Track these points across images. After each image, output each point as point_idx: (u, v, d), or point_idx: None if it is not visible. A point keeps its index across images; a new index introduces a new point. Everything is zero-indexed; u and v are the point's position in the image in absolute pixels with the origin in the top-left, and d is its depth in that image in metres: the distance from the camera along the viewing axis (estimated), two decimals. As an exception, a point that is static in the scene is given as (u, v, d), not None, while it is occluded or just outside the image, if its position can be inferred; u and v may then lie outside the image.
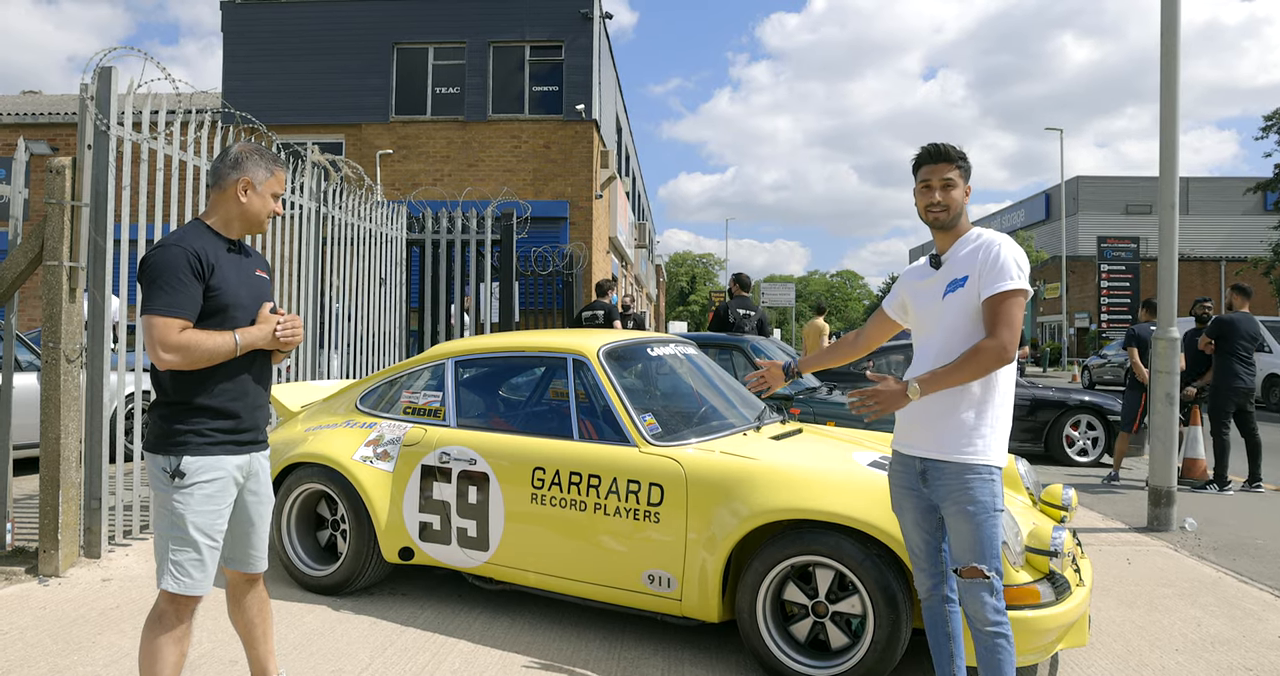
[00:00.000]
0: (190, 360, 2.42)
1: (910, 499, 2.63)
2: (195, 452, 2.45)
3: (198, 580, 2.44)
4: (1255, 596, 4.35)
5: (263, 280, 2.70)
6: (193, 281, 2.43)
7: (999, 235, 2.56)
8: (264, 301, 2.64)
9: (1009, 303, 2.44)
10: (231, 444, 2.53)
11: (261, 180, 2.61)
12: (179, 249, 2.44)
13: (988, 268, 2.47)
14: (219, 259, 2.52)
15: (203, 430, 2.47)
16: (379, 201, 8.40)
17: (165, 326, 2.38)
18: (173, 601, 2.45)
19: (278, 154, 2.73)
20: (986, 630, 2.44)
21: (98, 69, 4.50)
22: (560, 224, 17.70)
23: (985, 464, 2.45)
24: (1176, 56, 5.92)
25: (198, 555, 2.44)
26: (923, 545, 2.64)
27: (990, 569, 2.43)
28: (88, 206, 4.44)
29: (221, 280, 2.50)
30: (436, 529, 3.84)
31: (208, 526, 2.46)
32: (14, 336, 4.59)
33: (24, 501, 5.70)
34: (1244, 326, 7.41)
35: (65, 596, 4.00)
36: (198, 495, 2.44)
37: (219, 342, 2.45)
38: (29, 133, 18.81)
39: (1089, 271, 31.61)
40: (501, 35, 18.36)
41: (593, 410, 3.75)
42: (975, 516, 2.44)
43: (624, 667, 3.30)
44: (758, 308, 8.81)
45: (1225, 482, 7.37)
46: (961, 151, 2.62)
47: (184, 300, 2.41)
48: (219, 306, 2.49)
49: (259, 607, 2.75)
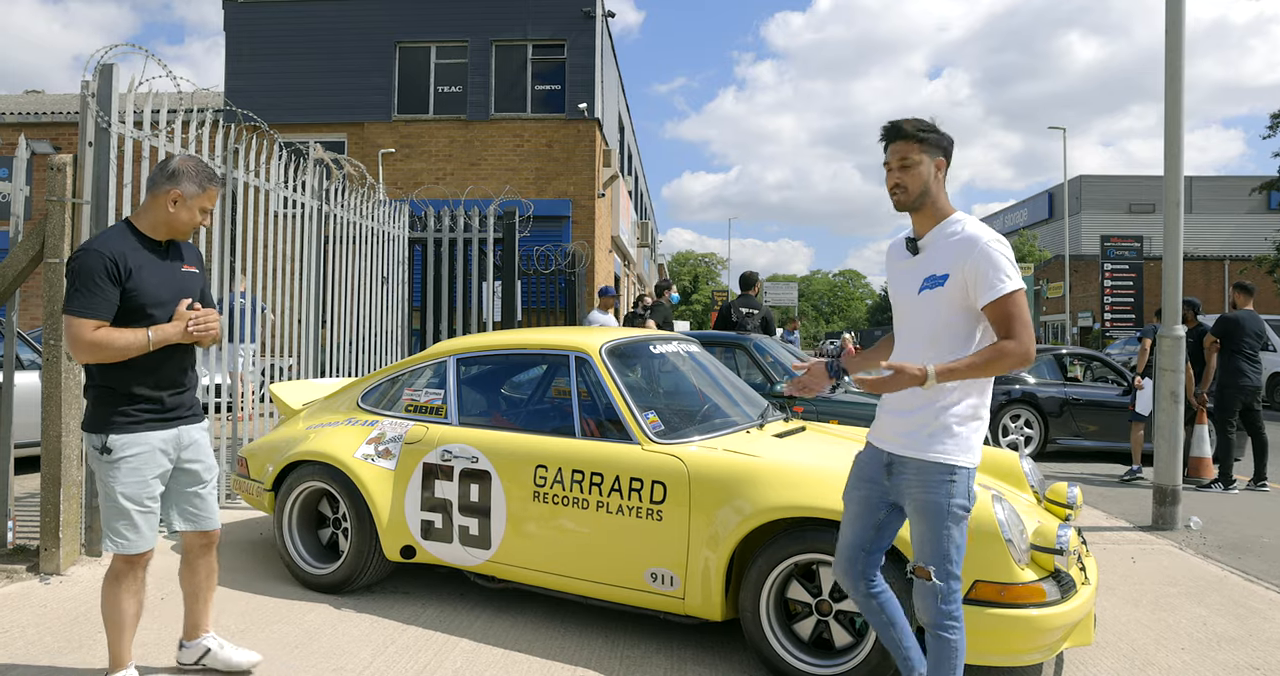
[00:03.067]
0: (102, 356, 2.68)
1: (863, 491, 2.59)
2: (120, 431, 2.76)
3: (133, 541, 2.79)
4: (1261, 595, 4.33)
5: (190, 275, 2.93)
6: (108, 285, 2.68)
7: (980, 228, 2.41)
8: (188, 297, 2.87)
9: (1017, 303, 2.35)
10: (155, 421, 2.82)
11: (192, 195, 2.82)
12: (96, 254, 2.68)
13: (982, 273, 2.35)
14: (139, 262, 2.76)
15: (127, 411, 2.78)
16: (381, 200, 8.39)
17: (80, 326, 2.65)
18: (126, 560, 2.82)
19: (214, 172, 2.93)
20: (933, 630, 2.43)
21: (99, 66, 4.49)
22: (563, 223, 17.69)
23: (951, 464, 2.38)
24: (1181, 54, 5.89)
25: (129, 520, 2.78)
26: (851, 539, 2.60)
27: (939, 573, 2.38)
28: (89, 204, 4.43)
29: (139, 282, 2.74)
30: (438, 527, 3.82)
31: (135, 495, 2.78)
32: (15, 334, 4.58)
33: (25, 499, 5.69)
34: (1249, 324, 7.38)
35: (67, 594, 3.99)
36: (124, 468, 2.76)
37: (130, 340, 2.70)
38: (31, 132, 18.82)
39: (1092, 271, 31.53)
40: (504, 34, 18.34)
41: (595, 408, 3.73)
42: (930, 517, 2.39)
43: (626, 666, 3.28)
44: (762, 306, 8.78)
45: (1230, 481, 7.34)
46: (923, 124, 2.44)
47: (98, 302, 2.67)
48: (136, 306, 2.74)
49: (207, 575, 3.09)
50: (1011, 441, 9.06)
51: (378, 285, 8.27)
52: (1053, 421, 9.07)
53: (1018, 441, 9.07)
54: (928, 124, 2.46)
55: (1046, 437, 9.09)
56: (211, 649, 3.14)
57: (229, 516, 5.53)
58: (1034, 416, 9.09)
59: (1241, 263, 31.45)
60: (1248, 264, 29.02)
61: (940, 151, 2.47)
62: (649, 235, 32.54)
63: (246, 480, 4.56)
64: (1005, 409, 9.09)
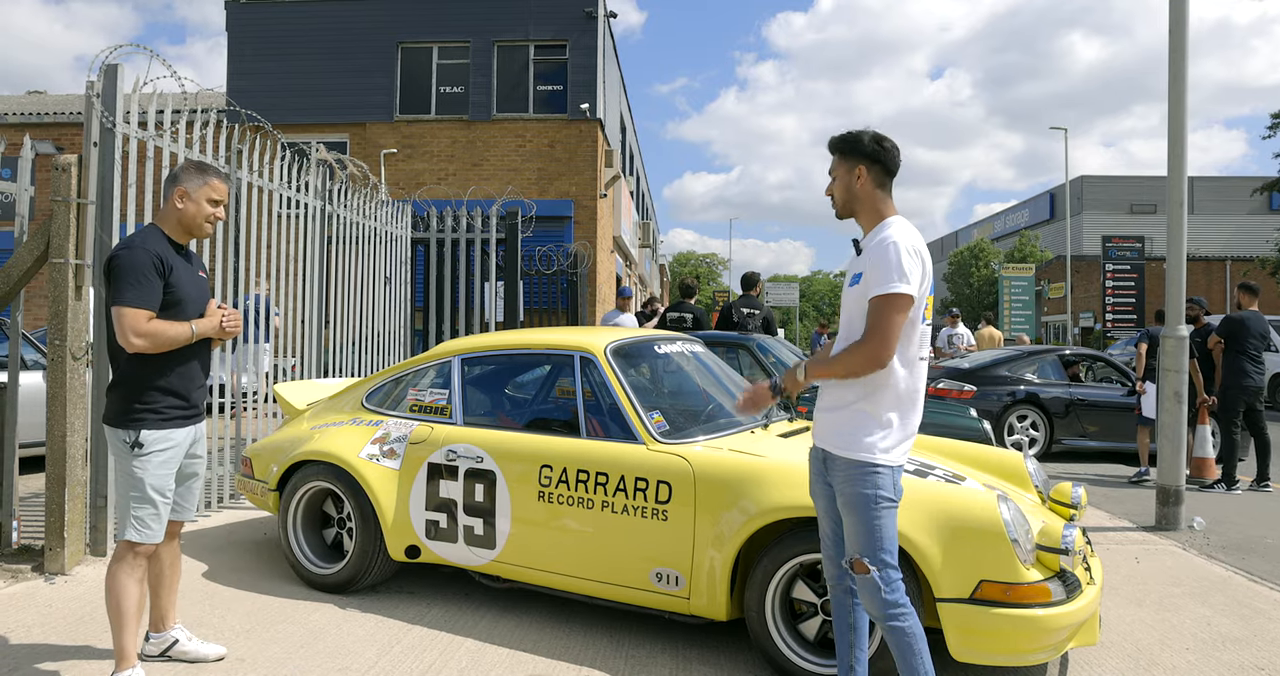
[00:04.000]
0: (156, 345, 2.86)
1: (821, 486, 2.68)
2: (151, 426, 2.91)
3: (155, 530, 2.94)
4: (1266, 595, 4.33)
5: (204, 280, 3.15)
6: (156, 279, 2.87)
7: (900, 232, 2.48)
8: (206, 299, 3.09)
9: (886, 307, 2.41)
10: (180, 418, 2.99)
11: (196, 187, 3.00)
12: (145, 251, 2.87)
13: (877, 269, 2.45)
14: (173, 260, 2.96)
15: (157, 407, 2.93)
16: (384, 200, 8.39)
17: (134, 316, 2.81)
18: (133, 548, 2.92)
19: (214, 167, 3.10)
20: (883, 622, 2.48)
21: (104, 67, 4.49)
22: (564, 223, 17.69)
23: (870, 461, 2.45)
24: (1184, 54, 5.89)
25: (155, 510, 2.93)
26: (830, 533, 2.69)
27: (873, 562, 2.45)
28: (93, 204, 4.43)
29: (176, 279, 2.94)
30: (443, 527, 3.82)
31: (162, 487, 2.94)
32: (20, 334, 4.59)
33: (30, 499, 5.69)
34: (1254, 325, 7.37)
35: (71, 594, 3.99)
36: (155, 461, 2.91)
37: (179, 331, 2.91)
38: (34, 132, 18.80)
39: (1093, 271, 31.48)
40: (506, 34, 18.34)
41: (600, 408, 3.73)
42: (857, 509, 2.47)
43: (631, 666, 3.29)
44: (763, 306, 8.77)
45: (1234, 482, 7.34)
46: (843, 136, 2.59)
47: (149, 294, 2.85)
48: (174, 301, 2.93)
49: (171, 560, 3.19)
50: (1016, 441, 9.06)
51: (380, 285, 8.27)
52: (1058, 422, 9.08)
53: (1022, 441, 9.07)
54: (848, 135, 2.60)
55: (1051, 438, 9.09)
56: (179, 640, 3.22)
57: (233, 516, 5.54)
58: (1039, 417, 9.09)
59: (1243, 263, 31.43)
60: (1249, 264, 29.00)
61: (860, 158, 2.57)
62: (650, 235, 32.54)
63: (251, 480, 4.56)
64: (1011, 409, 9.09)
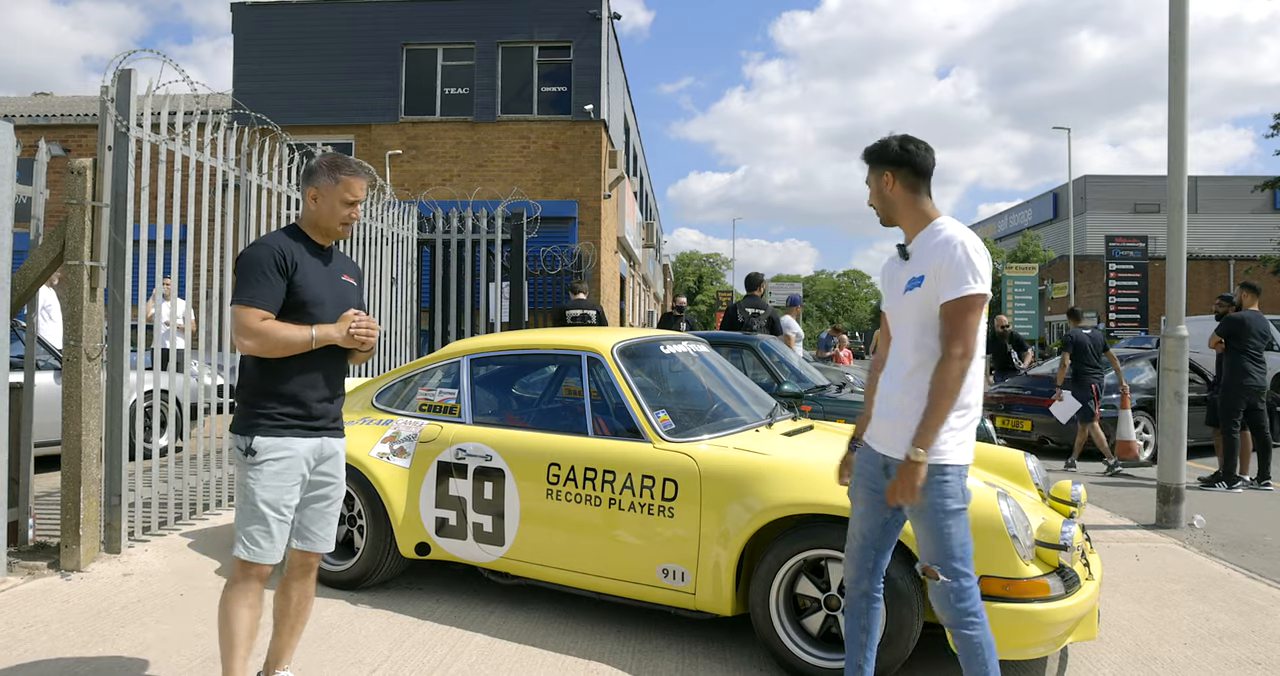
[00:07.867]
0: (266, 347, 2.63)
1: (866, 491, 2.64)
2: (266, 433, 2.66)
3: (265, 549, 2.64)
4: (1264, 592, 4.38)
5: (348, 285, 2.90)
6: (276, 277, 2.66)
7: (959, 231, 2.45)
8: (347, 305, 2.83)
9: (965, 309, 2.37)
10: (301, 428, 2.72)
11: (327, 187, 2.78)
12: (266, 248, 2.69)
13: (948, 271, 2.39)
14: (303, 259, 2.75)
15: (274, 414, 2.68)
16: (390, 201, 8.46)
17: (247, 315, 2.62)
18: (244, 568, 2.66)
19: (352, 164, 2.85)
20: (954, 629, 2.47)
21: (118, 71, 4.56)
22: (569, 224, 17.74)
23: (941, 464, 2.40)
24: (1185, 55, 5.94)
25: (265, 527, 2.64)
26: (860, 537, 2.66)
27: (945, 571, 2.41)
28: (108, 207, 4.50)
29: (303, 278, 2.72)
30: (453, 524, 3.89)
31: (275, 501, 2.65)
32: (36, 336, 4.66)
33: (45, 498, 5.77)
34: (1255, 324, 7.42)
35: (87, 590, 4.06)
36: (266, 472, 2.64)
37: (293, 334, 2.66)
38: (41, 134, 18.92)
39: (1097, 271, 31.47)
40: (510, 36, 18.40)
41: (607, 407, 3.79)
42: (928, 517, 2.43)
43: (638, 661, 3.35)
44: (768, 306, 8.82)
45: (1235, 480, 7.39)
46: (872, 146, 2.58)
47: (265, 293, 2.64)
48: (299, 301, 2.70)
49: (300, 600, 2.86)
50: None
51: (387, 286, 8.34)
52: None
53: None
54: (875, 144, 2.59)
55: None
56: None
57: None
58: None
59: (1246, 262, 31.38)
60: (1253, 264, 28.97)
61: (886, 165, 2.55)
62: (654, 236, 32.57)
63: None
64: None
